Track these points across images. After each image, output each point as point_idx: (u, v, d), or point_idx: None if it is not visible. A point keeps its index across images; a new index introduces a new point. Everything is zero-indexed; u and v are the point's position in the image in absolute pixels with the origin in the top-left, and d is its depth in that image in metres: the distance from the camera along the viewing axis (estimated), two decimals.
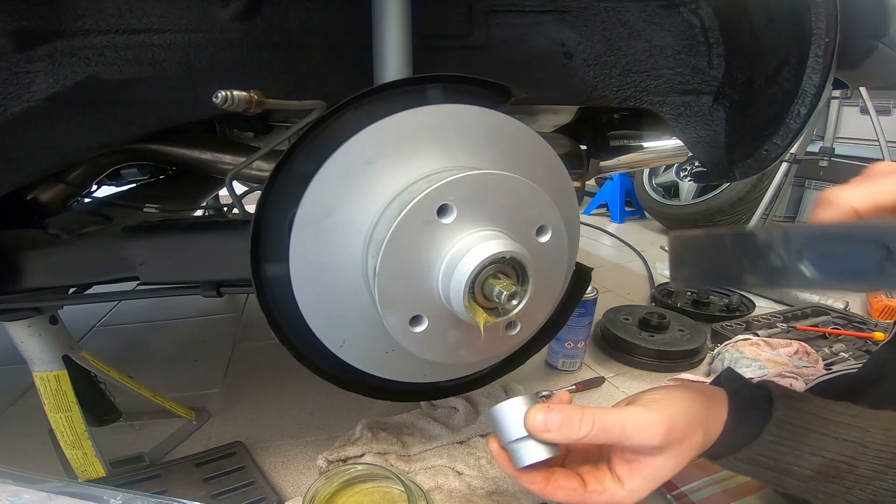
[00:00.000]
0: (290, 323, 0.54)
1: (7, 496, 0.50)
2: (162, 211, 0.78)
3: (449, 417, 0.82)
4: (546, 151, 0.56)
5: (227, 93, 0.44)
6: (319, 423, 0.86)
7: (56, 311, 0.67)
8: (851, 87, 1.48)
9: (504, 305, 0.47)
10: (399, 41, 0.53)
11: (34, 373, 0.66)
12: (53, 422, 0.67)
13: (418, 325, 0.49)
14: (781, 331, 1.16)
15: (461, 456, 0.74)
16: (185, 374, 1.04)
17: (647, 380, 0.99)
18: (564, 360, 1.01)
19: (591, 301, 1.00)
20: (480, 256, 0.45)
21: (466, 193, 0.47)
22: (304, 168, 0.48)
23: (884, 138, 2.03)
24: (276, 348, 0.56)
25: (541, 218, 0.52)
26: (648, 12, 0.66)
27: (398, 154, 0.49)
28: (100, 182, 0.86)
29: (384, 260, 0.45)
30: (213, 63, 0.53)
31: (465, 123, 0.51)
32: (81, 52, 0.48)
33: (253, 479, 0.70)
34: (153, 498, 0.55)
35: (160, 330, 1.28)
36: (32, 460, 0.77)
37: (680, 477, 0.67)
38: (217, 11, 0.52)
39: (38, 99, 0.48)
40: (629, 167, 0.96)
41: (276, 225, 0.50)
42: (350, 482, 0.64)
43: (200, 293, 0.62)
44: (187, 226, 0.63)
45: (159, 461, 0.76)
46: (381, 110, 0.48)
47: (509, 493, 0.67)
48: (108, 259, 0.61)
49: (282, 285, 0.52)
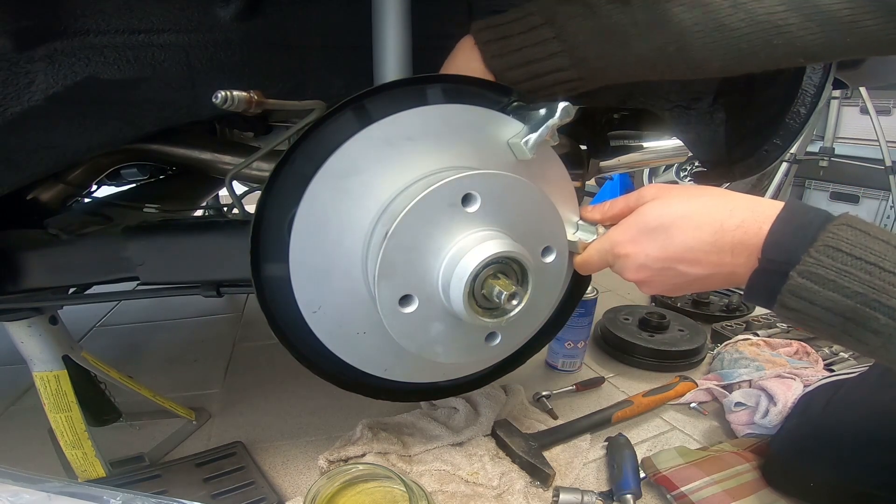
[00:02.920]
0: (290, 323, 0.54)
1: (7, 496, 0.50)
2: (162, 211, 0.78)
3: (449, 418, 0.82)
4: (567, 185, 0.59)
5: (227, 93, 0.44)
6: (319, 423, 0.86)
7: (56, 311, 0.67)
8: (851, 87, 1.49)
9: (504, 305, 0.48)
10: (399, 41, 0.53)
11: (34, 373, 0.66)
12: (53, 422, 0.67)
13: (408, 304, 0.49)
14: (781, 331, 1.15)
15: (462, 456, 0.74)
16: (185, 374, 1.04)
17: (647, 380, 0.99)
18: (564, 360, 1.01)
19: (591, 301, 1.00)
20: (487, 252, 0.46)
21: (494, 191, 0.48)
22: (304, 168, 0.48)
23: (884, 138, 2.03)
24: (276, 348, 0.56)
25: (551, 238, 0.54)
26: None
27: (436, 141, 0.50)
28: (100, 182, 0.86)
29: (399, 227, 0.45)
30: (213, 63, 0.53)
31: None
32: (81, 52, 0.48)
33: (253, 479, 0.70)
34: (153, 498, 0.55)
35: (160, 330, 1.27)
36: (32, 460, 0.77)
37: (680, 477, 0.67)
38: (217, 11, 0.52)
39: (38, 99, 0.48)
40: (629, 167, 0.96)
41: (276, 225, 0.50)
42: (351, 482, 0.64)
43: (200, 293, 0.62)
44: (187, 226, 0.63)
45: (159, 461, 0.76)
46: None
47: (510, 493, 0.67)
48: (108, 259, 0.61)
49: (281, 285, 0.52)
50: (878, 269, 0.38)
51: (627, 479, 0.67)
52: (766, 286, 0.43)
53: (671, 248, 0.47)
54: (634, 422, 0.86)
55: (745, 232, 0.43)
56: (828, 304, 0.40)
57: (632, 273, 0.51)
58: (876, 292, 0.38)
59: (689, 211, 0.46)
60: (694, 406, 0.90)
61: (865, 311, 0.39)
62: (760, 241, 0.43)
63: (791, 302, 0.41)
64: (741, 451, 0.73)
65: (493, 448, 0.76)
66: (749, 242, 0.43)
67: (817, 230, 0.41)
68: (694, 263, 0.46)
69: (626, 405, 0.85)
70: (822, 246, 0.40)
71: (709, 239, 0.45)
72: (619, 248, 0.51)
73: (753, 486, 0.67)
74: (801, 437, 0.69)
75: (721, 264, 0.45)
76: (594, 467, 0.75)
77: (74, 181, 0.71)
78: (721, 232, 0.44)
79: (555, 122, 0.49)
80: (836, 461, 0.63)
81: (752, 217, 0.44)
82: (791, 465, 0.67)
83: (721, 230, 0.44)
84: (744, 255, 0.44)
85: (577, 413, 0.86)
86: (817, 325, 0.41)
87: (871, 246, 0.39)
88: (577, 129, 0.94)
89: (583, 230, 0.57)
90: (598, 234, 0.56)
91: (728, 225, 0.44)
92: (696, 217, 0.46)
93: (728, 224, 0.44)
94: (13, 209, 0.67)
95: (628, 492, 0.66)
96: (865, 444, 0.61)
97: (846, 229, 0.40)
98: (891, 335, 0.38)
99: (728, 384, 0.91)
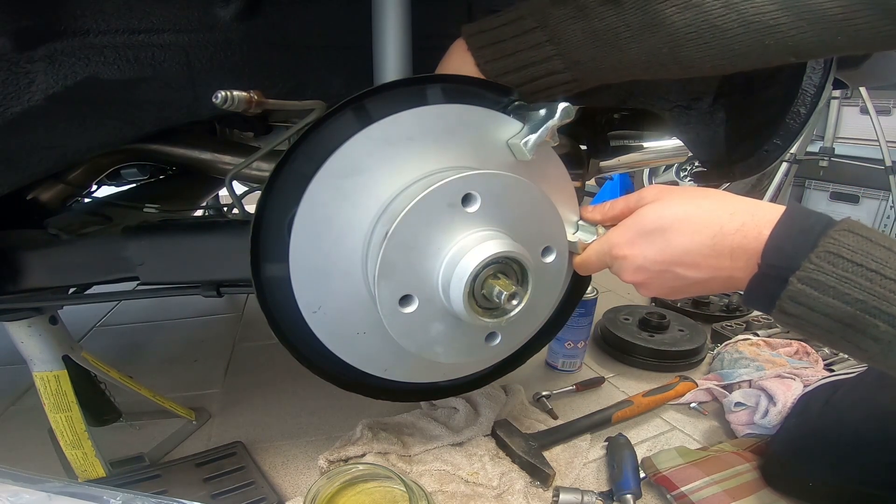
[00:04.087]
0: (290, 323, 0.54)
1: (7, 496, 0.50)
2: (162, 211, 0.78)
3: (449, 418, 0.82)
4: (567, 185, 0.58)
5: (227, 93, 0.44)
6: (319, 423, 0.86)
7: (56, 311, 0.67)
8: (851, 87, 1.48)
9: (504, 305, 0.48)
10: (399, 41, 0.53)
11: (34, 373, 0.66)
12: (53, 422, 0.67)
13: (408, 305, 0.49)
14: (781, 331, 1.15)
15: (462, 456, 0.74)
16: (185, 374, 1.04)
17: (647, 380, 0.99)
18: (564, 360, 1.01)
19: (591, 301, 1.00)
20: (487, 252, 0.46)
21: (494, 191, 0.48)
22: (304, 168, 0.48)
23: (884, 138, 2.03)
24: (276, 348, 0.56)
25: (551, 238, 0.54)
26: None
27: (436, 141, 0.50)
28: (100, 182, 0.86)
29: (399, 227, 0.45)
30: (213, 63, 0.53)
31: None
32: (81, 52, 0.48)
33: (253, 479, 0.70)
34: (153, 498, 0.55)
35: (160, 330, 1.27)
36: (32, 460, 0.77)
37: (680, 477, 0.67)
38: (217, 11, 0.52)
39: (38, 99, 0.48)
40: (629, 167, 0.96)
41: (276, 225, 0.50)
42: (352, 482, 0.64)
43: (200, 293, 0.62)
44: (187, 226, 0.63)
45: (159, 461, 0.76)
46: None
47: (510, 493, 0.67)
48: (108, 259, 0.61)
49: (281, 285, 0.52)
50: (880, 276, 0.38)
51: (627, 479, 0.67)
52: (765, 291, 0.43)
53: (669, 251, 0.47)
54: (634, 422, 0.86)
55: (744, 236, 0.43)
56: (828, 310, 0.39)
57: (629, 275, 0.51)
58: (877, 299, 0.38)
59: (689, 213, 0.46)
60: (694, 406, 0.90)
61: (865, 318, 0.38)
62: (760, 246, 0.42)
63: (790, 307, 0.41)
64: (741, 451, 0.73)
65: (493, 448, 0.76)
66: (749, 247, 0.43)
67: (818, 235, 0.40)
68: (692, 267, 0.46)
69: (626, 405, 0.85)
70: (824, 252, 0.39)
71: (708, 242, 0.45)
72: (618, 250, 0.51)
73: (753, 486, 0.67)
74: (801, 437, 0.69)
75: (720, 268, 0.45)
76: (594, 467, 0.75)
77: (74, 181, 0.71)
78: (720, 235, 0.44)
79: (555, 123, 0.49)
80: (835, 461, 0.63)
81: (753, 221, 0.43)
82: (790, 465, 0.67)
83: (720, 234, 0.44)
84: (743, 259, 0.44)
85: (577, 413, 0.86)
86: (816, 331, 0.41)
87: (872, 252, 0.39)
88: (577, 129, 0.94)
89: (583, 230, 0.57)
90: (599, 234, 0.56)
91: (728, 228, 0.44)
92: (695, 220, 0.46)
93: (728, 227, 0.44)
94: (13, 209, 0.67)
95: (628, 492, 0.66)
96: (864, 443, 0.61)
97: (848, 235, 0.40)
98: (890, 342, 0.38)
99: (728, 384, 0.91)
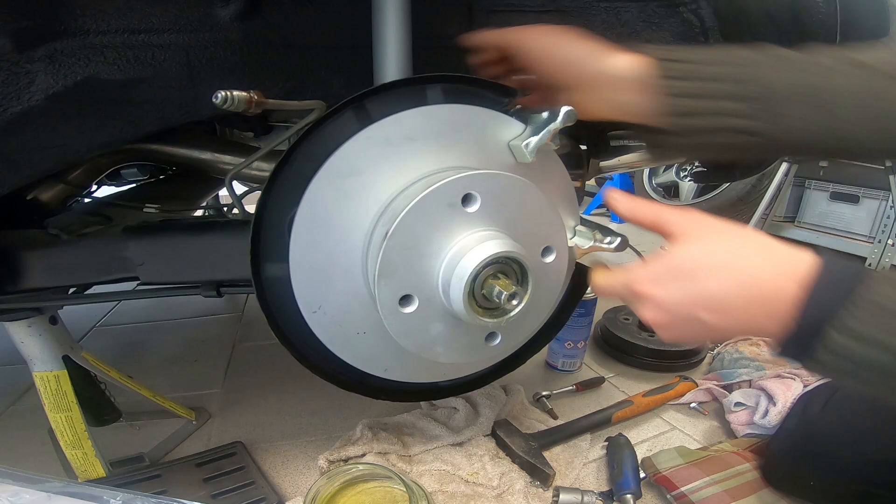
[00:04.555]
0: (290, 323, 0.54)
1: (7, 496, 0.50)
2: (162, 211, 0.78)
3: (449, 418, 0.82)
4: (567, 186, 0.59)
5: (227, 93, 0.44)
6: (319, 423, 0.86)
7: (56, 311, 0.67)
8: None
9: (504, 305, 0.48)
10: (399, 41, 0.53)
11: (34, 373, 0.66)
12: (53, 422, 0.67)
13: (408, 304, 0.49)
14: None
15: (462, 456, 0.74)
16: (185, 374, 1.04)
17: (647, 380, 0.99)
18: (564, 360, 1.01)
19: (591, 301, 1.00)
20: (487, 252, 0.46)
21: (494, 191, 0.48)
22: (304, 168, 0.48)
23: None
24: (276, 348, 0.56)
25: (551, 238, 0.54)
26: (648, 12, 0.66)
27: (437, 141, 0.50)
28: (100, 182, 0.86)
29: (399, 227, 0.45)
30: (213, 63, 0.53)
31: None
32: (81, 52, 0.48)
33: (253, 479, 0.70)
34: (153, 498, 0.55)
35: (160, 330, 1.27)
36: (32, 460, 0.77)
37: (680, 477, 0.67)
38: (217, 11, 0.52)
39: (39, 99, 0.48)
40: (629, 167, 0.96)
41: (276, 225, 0.50)
42: (352, 482, 0.64)
43: (200, 293, 0.62)
44: (187, 226, 0.63)
45: (159, 461, 0.76)
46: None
47: (510, 493, 0.67)
48: (108, 259, 0.61)
49: (282, 285, 0.52)
50: None
51: (627, 479, 0.67)
52: (800, 343, 0.40)
53: (696, 294, 0.42)
54: (634, 422, 0.86)
55: (779, 287, 0.40)
56: (870, 362, 0.37)
57: (649, 314, 0.46)
58: None
59: (721, 256, 0.42)
60: (694, 406, 0.90)
61: None
62: (795, 296, 0.39)
63: (828, 359, 0.39)
64: (741, 451, 0.73)
65: (493, 448, 0.76)
66: (783, 297, 0.40)
67: (852, 282, 0.38)
68: (719, 313, 0.42)
69: (626, 405, 0.85)
70: (863, 301, 0.37)
71: (738, 289, 0.41)
72: (640, 286, 0.45)
73: (753, 486, 0.67)
74: (801, 437, 0.69)
75: (749, 316, 0.41)
76: (594, 467, 0.75)
77: (74, 181, 0.71)
78: (753, 284, 0.41)
79: (556, 127, 0.49)
80: (835, 460, 0.63)
81: (789, 269, 0.40)
82: (790, 465, 0.67)
83: (754, 282, 0.41)
84: (775, 308, 0.40)
85: (577, 413, 0.86)
86: (853, 380, 0.39)
87: None
88: (577, 129, 0.94)
89: (580, 235, 0.57)
90: (596, 240, 0.55)
91: (763, 277, 0.41)
92: (728, 264, 0.42)
93: (763, 276, 0.41)
94: (13, 209, 0.67)
95: (628, 492, 0.66)
96: (864, 443, 0.61)
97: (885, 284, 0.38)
98: None
99: (728, 384, 0.91)
